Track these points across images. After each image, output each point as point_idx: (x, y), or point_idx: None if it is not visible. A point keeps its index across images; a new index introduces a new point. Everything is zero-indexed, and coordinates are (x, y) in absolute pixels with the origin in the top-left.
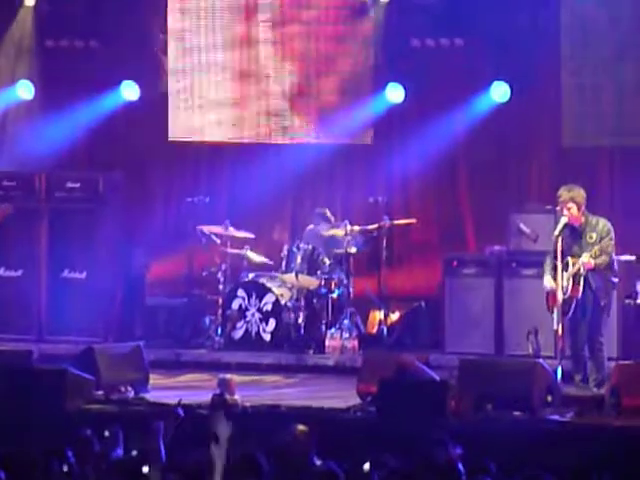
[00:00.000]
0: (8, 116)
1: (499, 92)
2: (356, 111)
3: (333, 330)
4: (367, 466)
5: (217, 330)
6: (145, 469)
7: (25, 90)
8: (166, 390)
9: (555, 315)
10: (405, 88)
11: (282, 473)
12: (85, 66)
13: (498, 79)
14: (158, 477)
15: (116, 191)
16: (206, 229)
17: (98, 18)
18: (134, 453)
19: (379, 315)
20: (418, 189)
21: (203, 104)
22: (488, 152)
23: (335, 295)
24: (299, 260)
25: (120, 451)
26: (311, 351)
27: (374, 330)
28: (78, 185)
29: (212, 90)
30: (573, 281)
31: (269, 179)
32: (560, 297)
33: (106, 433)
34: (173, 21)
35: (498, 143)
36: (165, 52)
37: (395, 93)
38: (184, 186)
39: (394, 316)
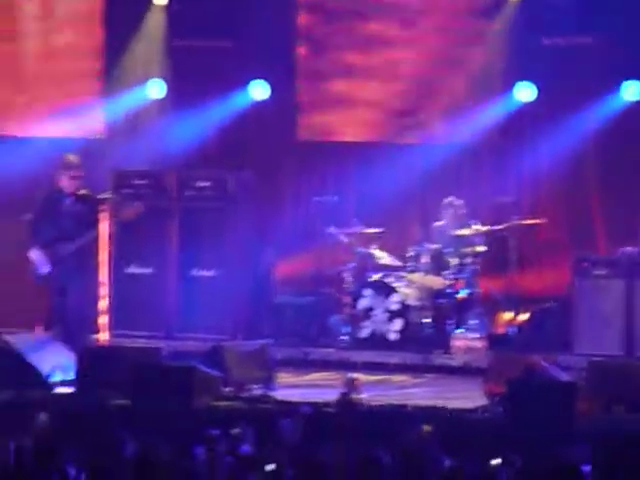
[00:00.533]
0: (140, 115)
1: (630, 91)
2: (485, 110)
3: (460, 330)
4: (496, 462)
5: (344, 329)
6: (271, 467)
7: (157, 89)
8: (293, 388)
9: None
10: (536, 87)
11: (408, 473)
12: (216, 65)
13: (629, 78)
14: (284, 475)
15: (246, 190)
16: (334, 228)
17: (229, 17)
18: (261, 450)
19: (507, 315)
20: (548, 188)
21: (331, 104)
22: (619, 151)
23: (462, 295)
24: (426, 260)
25: (248, 448)
26: (438, 351)
27: (502, 330)
28: (208, 184)
29: (342, 90)
30: None
31: (397, 178)
32: None
33: (234, 430)
34: (304, 20)
35: (629, 142)
36: (296, 51)
37: (525, 92)
38: (313, 185)
39: (522, 316)
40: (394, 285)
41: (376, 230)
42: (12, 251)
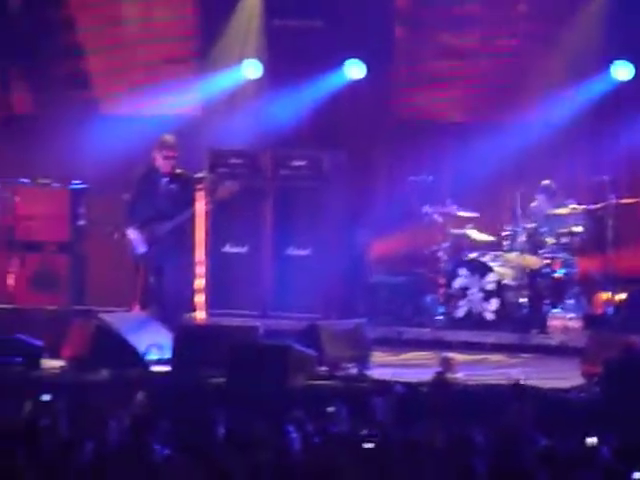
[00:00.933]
0: (236, 95)
1: None
2: (582, 89)
3: (557, 310)
4: (592, 440)
5: (439, 309)
6: (369, 445)
7: (253, 69)
8: (388, 367)
9: None
10: (635, 66)
11: (503, 452)
12: (311, 45)
13: None
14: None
15: (340, 169)
16: (429, 208)
17: None
18: (355, 429)
19: (604, 295)
20: None
21: (427, 83)
22: None
23: (559, 275)
24: (522, 239)
25: (344, 427)
26: (534, 331)
27: (599, 310)
28: (303, 163)
29: (438, 69)
30: None
31: (492, 157)
32: None
33: (329, 409)
34: (402, 1)
35: None
36: (393, 31)
37: (623, 71)
38: (408, 165)
39: (620, 296)
40: (490, 264)
41: (471, 213)
42: (111, 230)
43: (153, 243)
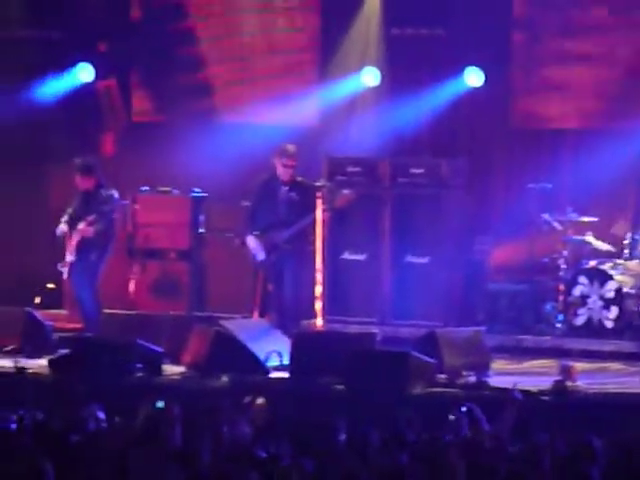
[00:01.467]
0: (355, 103)
1: None
2: None
3: None
4: None
5: (558, 316)
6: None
7: (371, 77)
8: (507, 375)
9: None
10: None
11: (623, 463)
12: (430, 53)
13: None
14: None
15: (459, 177)
16: (548, 216)
17: (442, 5)
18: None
19: None
20: None
21: (546, 91)
22: None
23: None
24: None
25: (465, 434)
26: None
27: None
28: (422, 171)
29: (556, 76)
30: None
31: (612, 164)
32: None
33: (451, 417)
34: (520, 7)
35: None
36: (511, 38)
37: None
38: (526, 172)
39: None
40: (610, 272)
41: (590, 218)
42: (230, 237)
43: (272, 250)
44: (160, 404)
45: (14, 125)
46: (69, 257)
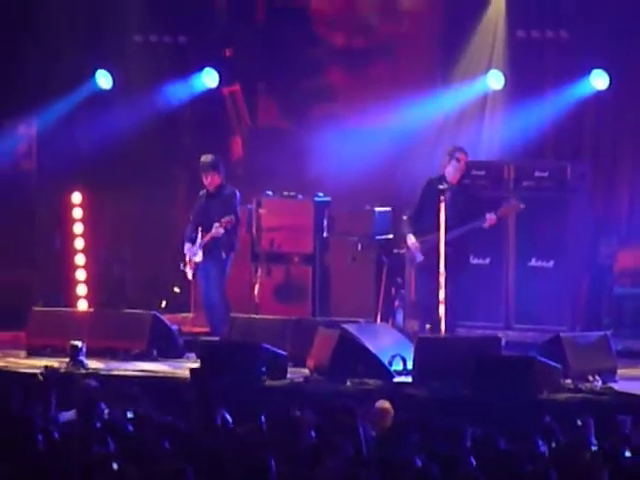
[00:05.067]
0: (479, 106)
1: None
2: None
3: None
4: None
5: None
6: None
7: (496, 80)
8: (635, 381)
9: None
10: None
11: None
12: (554, 55)
13: None
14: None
15: (584, 180)
16: None
17: (567, 7)
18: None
19: None
20: None
21: None
22: None
23: None
24: None
25: (592, 440)
26: None
27: None
28: (546, 174)
29: None
30: None
31: None
32: None
33: (578, 422)
34: None
35: None
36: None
37: None
38: None
39: None
40: None
41: None
42: (353, 242)
43: (430, 253)
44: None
45: (142, 130)
46: (197, 257)
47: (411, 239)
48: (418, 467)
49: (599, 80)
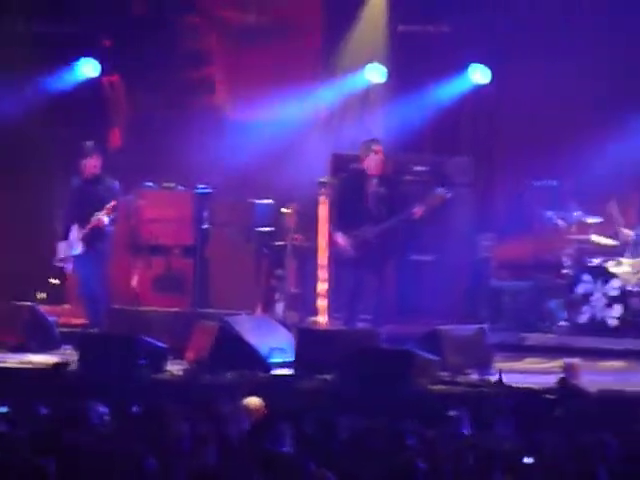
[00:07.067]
0: (359, 100)
1: None
2: None
3: None
4: None
5: (562, 314)
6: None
7: (377, 74)
8: (510, 373)
9: None
10: None
11: (632, 459)
12: (435, 50)
13: None
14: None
15: (463, 174)
16: (552, 213)
17: (449, 2)
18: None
19: None
20: None
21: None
22: None
23: None
24: None
25: (466, 432)
26: None
27: None
28: (426, 168)
29: None
30: None
31: (617, 161)
32: None
33: (451, 413)
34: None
35: None
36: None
37: None
38: (530, 170)
39: None
40: (613, 270)
41: (595, 219)
42: (233, 234)
43: (361, 246)
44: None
45: (19, 119)
46: (76, 251)
47: (340, 236)
48: (291, 458)
49: (479, 74)
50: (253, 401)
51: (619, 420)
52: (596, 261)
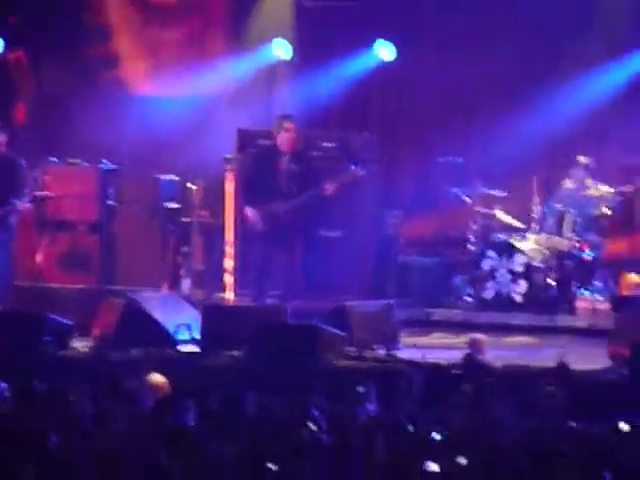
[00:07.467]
0: (266, 75)
1: None
2: (612, 70)
3: (585, 292)
4: (624, 426)
5: (467, 290)
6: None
7: (283, 50)
8: (416, 348)
9: None
10: None
11: (530, 434)
12: (342, 26)
13: None
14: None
15: (370, 151)
16: (458, 190)
17: None
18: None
19: (633, 277)
20: None
21: (454, 63)
22: None
23: (587, 256)
24: (551, 221)
25: (373, 407)
26: (562, 312)
27: (627, 292)
28: (333, 145)
29: (463, 49)
30: None
31: (522, 138)
32: None
33: (359, 389)
34: None
35: None
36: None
37: None
38: (437, 146)
39: None
40: (518, 246)
41: (499, 193)
42: (139, 211)
43: (271, 221)
44: None
45: None
46: None
47: (250, 210)
48: (194, 434)
49: (385, 51)
50: (156, 378)
51: (523, 395)
52: (501, 237)
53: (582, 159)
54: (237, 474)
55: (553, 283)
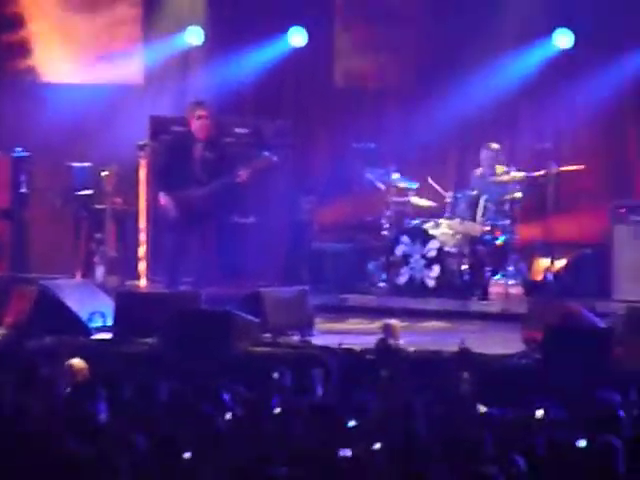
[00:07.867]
0: (178, 62)
1: None
2: (524, 56)
3: (497, 277)
4: (539, 413)
5: (381, 276)
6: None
7: (195, 36)
8: (331, 334)
9: None
10: (574, 34)
11: (445, 419)
12: (254, 12)
13: None
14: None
15: (283, 137)
16: (372, 175)
17: None
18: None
19: (544, 262)
20: (586, 135)
21: (368, 49)
22: None
23: (499, 241)
24: (464, 206)
25: (289, 393)
26: (475, 297)
27: (539, 277)
28: (245, 131)
29: (377, 35)
30: None
31: (435, 124)
32: None
33: (274, 375)
34: None
35: None
36: None
37: (564, 38)
38: (350, 132)
39: (560, 263)
40: (431, 232)
41: (413, 183)
42: (52, 198)
43: (185, 208)
44: None
45: None
46: None
47: (163, 197)
48: (104, 422)
49: (297, 37)
50: (76, 362)
51: (436, 380)
52: (414, 223)
53: (493, 145)
54: (151, 463)
55: (466, 268)
